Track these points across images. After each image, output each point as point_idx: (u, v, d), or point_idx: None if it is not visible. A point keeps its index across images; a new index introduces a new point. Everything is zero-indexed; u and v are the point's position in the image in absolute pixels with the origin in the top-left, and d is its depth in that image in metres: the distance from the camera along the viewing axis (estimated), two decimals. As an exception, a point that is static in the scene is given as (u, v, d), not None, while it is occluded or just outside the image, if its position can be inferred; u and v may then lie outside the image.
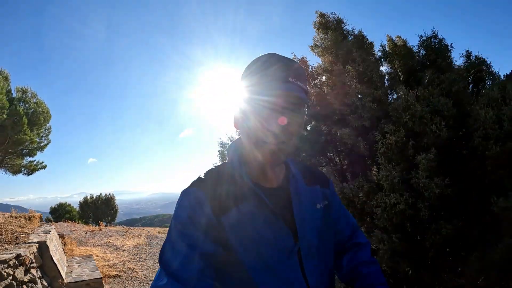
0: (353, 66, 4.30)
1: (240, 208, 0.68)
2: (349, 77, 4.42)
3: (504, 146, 3.01)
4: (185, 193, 0.70)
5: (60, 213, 20.28)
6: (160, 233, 10.34)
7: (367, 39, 5.03)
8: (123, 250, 7.98)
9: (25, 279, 3.39)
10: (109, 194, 21.12)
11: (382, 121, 3.40)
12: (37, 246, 3.97)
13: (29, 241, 4.13)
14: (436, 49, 4.51)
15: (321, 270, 0.74)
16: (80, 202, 19.96)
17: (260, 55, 0.71)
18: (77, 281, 4.13)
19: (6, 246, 3.99)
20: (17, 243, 4.10)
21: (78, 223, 14.92)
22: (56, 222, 14.76)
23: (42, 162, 18.52)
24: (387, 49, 4.97)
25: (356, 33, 5.00)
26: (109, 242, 9.05)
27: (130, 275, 5.78)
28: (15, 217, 5.92)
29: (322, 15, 5.01)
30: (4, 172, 15.09)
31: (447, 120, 3.41)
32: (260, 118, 0.66)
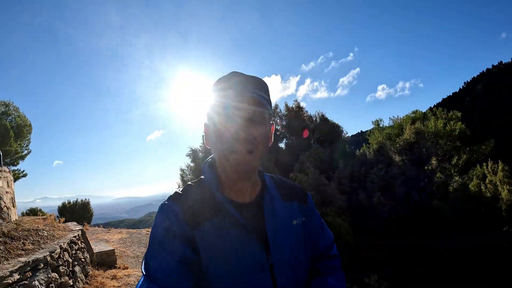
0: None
1: (212, 222, 0.70)
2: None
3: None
4: (162, 206, 0.74)
5: (32, 217, 22.46)
6: (137, 231, 13.92)
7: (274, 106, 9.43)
8: (112, 242, 11.45)
9: (82, 246, 7.15)
10: (85, 199, 23.79)
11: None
12: (80, 232, 7.69)
13: (74, 229, 7.80)
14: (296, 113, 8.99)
15: (295, 284, 0.74)
16: (59, 206, 22.43)
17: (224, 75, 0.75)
18: (101, 251, 7.88)
19: (64, 232, 7.62)
20: (68, 231, 7.74)
21: (63, 224, 17.64)
22: (42, 223, 17.30)
23: (23, 171, 21.06)
24: (284, 112, 9.55)
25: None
26: (98, 237, 12.42)
27: (123, 254, 9.49)
28: (42, 219, 9.40)
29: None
30: (-14, 180, 17.51)
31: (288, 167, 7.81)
32: (225, 129, 0.68)
